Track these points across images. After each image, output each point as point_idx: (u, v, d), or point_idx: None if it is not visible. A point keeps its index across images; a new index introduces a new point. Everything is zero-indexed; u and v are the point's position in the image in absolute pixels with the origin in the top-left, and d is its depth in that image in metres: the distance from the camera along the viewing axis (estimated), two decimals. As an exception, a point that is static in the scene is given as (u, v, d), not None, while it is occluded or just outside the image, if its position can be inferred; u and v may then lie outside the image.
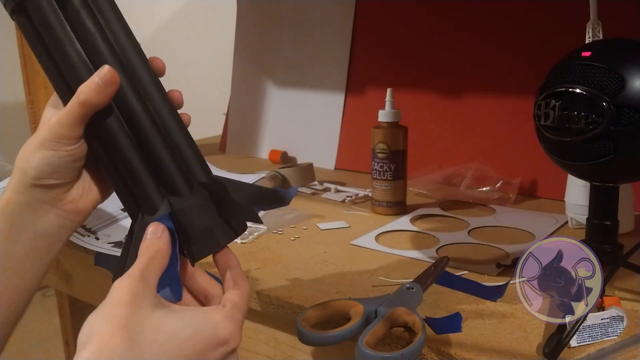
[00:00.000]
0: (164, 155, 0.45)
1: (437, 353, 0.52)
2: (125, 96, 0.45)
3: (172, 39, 2.15)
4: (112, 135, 0.44)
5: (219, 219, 0.45)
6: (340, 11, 1.23)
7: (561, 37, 0.92)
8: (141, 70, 0.47)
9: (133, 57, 0.46)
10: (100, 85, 0.43)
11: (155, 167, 0.45)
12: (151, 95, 0.46)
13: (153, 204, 0.44)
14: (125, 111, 0.45)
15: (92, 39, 0.44)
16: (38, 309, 2.18)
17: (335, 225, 0.87)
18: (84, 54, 0.44)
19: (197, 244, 0.44)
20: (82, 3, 0.45)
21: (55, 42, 0.44)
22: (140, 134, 0.45)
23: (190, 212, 0.44)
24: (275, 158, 1.30)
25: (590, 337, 0.52)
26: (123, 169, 0.45)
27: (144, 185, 0.44)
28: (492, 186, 0.99)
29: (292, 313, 0.62)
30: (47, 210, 0.47)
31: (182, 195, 0.45)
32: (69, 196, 0.48)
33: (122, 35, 0.46)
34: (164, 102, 0.47)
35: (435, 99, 1.11)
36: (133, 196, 0.46)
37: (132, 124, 0.45)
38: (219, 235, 0.45)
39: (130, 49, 0.47)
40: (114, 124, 0.44)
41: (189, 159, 0.47)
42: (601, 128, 0.51)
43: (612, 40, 0.59)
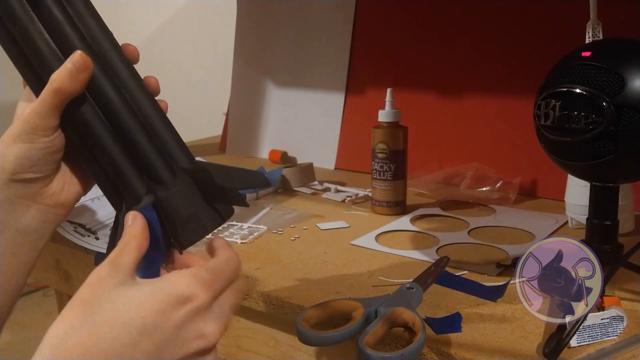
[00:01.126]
0: (144, 142, 0.44)
1: (437, 353, 0.52)
2: (99, 84, 0.43)
3: (172, 39, 2.14)
4: (89, 125, 0.43)
5: (204, 205, 0.44)
6: (341, 11, 1.23)
7: (561, 37, 0.92)
8: (114, 58, 0.45)
9: (105, 45, 0.45)
10: (74, 71, 0.41)
11: (136, 155, 0.44)
12: (126, 82, 0.45)
13: (136, 194, 0.43)
14: (101, 99, 0.43)
15: (61, 29, 0.43)
16: (38, 309, 2.18)
17: (335, 225, 0.87)
18: (54, 45, 0.43)
19: (184, 232, 0.43)
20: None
21: (23, 35, 0.43)
22: (117, 123, 0.44)
23: (175, 200, 0.43)
24: (275, 158, 1.30)
25: (590, 337, 0.52)
26: (102, 160, 0.44)
27: (125, 175, 0.43)
28: (492, 186, 0.99)
29: (292, 313, 0.62)
30: (28, 206, 0.46)
31: (166, 183, 0.43)
32: (49, 190, 0.46)
33: (93, 25, 0.45)
34: (140, 89, 0.46)
35: (435, 99, 1.11)
36: (115, 187, 0.45)
37: (109, 112, 0.44)
38: (206, 221, 0.44)
39: (102, 37, 0.45)
40: (90, 113, 0.43)
41: (170, 146, 0.45)
42: (601, 128, 0.51)
43: (612, 40, 0.59)
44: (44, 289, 2.29)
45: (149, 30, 2.16)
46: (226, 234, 0.83)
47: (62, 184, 0.47)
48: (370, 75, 1.20)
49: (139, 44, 0.49)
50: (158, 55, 2.22)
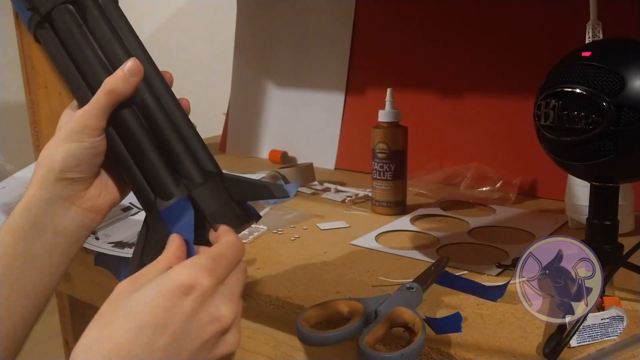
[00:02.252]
0: (178, 145, 0.48)
1: (437, 353, 0.52)
2: (141, 93, 0.48)
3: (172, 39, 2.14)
4: (130, 126, 0.47)
5: (231, 203, 0.48)
6: (340, 11, 1.23)
7: (561, 37, 0.92)
8: (153, 75, 0.50)
9: (146, 64, 0.49)
10: (127, 75, 0.46)
11: (170, 155, 0.48)
12: (164, 96, 0.50)
13: (169, 190, 0.47)
14: (141, 105, 0.48)
15: (111, 46, 0.48)
16: (38, 309, 2.18)
17: (335, 225, 0.87)
18: (105, 59, 0.48)
19: (211, 223, 0.46)
20: (101, 14, 0.49)
21: (78, 50, 0.48)
22: (155, 126, 0.48)
23: (204, 195, 0.47)
24: (275, 158, 1.30)
25: (590, 337, 0.52)
26: (140, 158, 0.47)
27: (159, 172, 0.47)
28: (492, 186, 0.99)
29: (292, 313, 0.62)
30: (67, 208, 0.48)
31: (195, 182, 0.47)
32: (88, 194, 0.49)
33: (135, 45, 0.50)
34: (175, 103, 0.50)
35: (435, 99, 1.11)
36: (149, 184, 0.48)
37: (149, 117, 0.48)
38: (233, 217, 0.47)
39: (140, 53, 0.50)
40: (132, 116, 0.47)
41: (200, 153, 0.49)
42: (601, 128, 0.51)
43: (612, 40, 0.59)
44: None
45: (149, 30, 2.16)
46: (226, 234, 0.83)
47: (100, 189, 0.50)
48: (370, 75, 1.20)
49: None
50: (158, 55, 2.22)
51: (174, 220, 0.45)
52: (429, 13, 1.12)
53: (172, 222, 0.45)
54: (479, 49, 1.06)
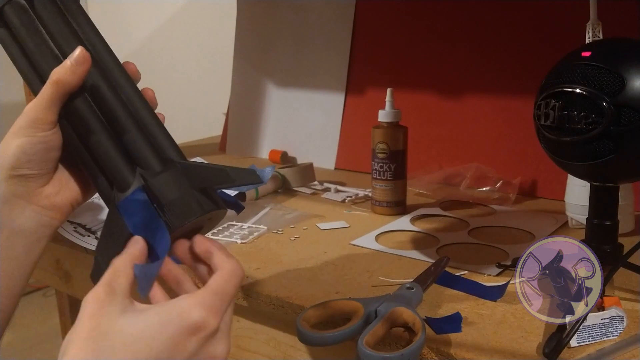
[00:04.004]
0: (134, 132, 0.46)
1: (437, 353, 0.52)
2: (95, 82, 0.46)
3: (172, 39, 2.15)
4: (83, 116, 0.45)
5: (193, 191, 0.45)
6: (340, 11, 1.23)
7: (561, 37, 0.92)
8: (112, 65, 0.49)
9: (99, 47, 0.49)
10: (72, 64, 0.43)
11: (127, 145, 0.46)
12: (122, 86, 0.48)
13: (126, 180, 0.45)
14: (95, 94, 0.46)
15: (65, 38, 0.47)
16: (38, 309, 2.18)
17: (335, 225, 0.87)
18: (57, 52, 0.47)
19: (170, 213, 0.43)
20: (55, 8, 0.48)
21: (31, 45, 0.47)
22: (110, 115, 0.46)
23: (163, 183, 0.44)
24: (275, 158, 1.30)
25: (590, 337, 0.52)
26: (95, 149, 0.46)
27: (115, 161, 0.45)
28: (492, 186, 0.99)
29: (292, 313, 0.62)
30: (23, 207, 0.46)
31: (154, 169, 0.45)
32: (45, 191, 0.47)
33: (90, 31, 0.49)
34: (136, 93, 0.48)
35: (435, 99, 1.11)
36: (106, 177, 0.46)
37: (103, 106, 0.46)
38: (194, 204, 0.44)
39: (97, 41, 0.49)
40: (85, 106, 0.46)
41: (162, 141, 0.47)
42: (601, 128, 0.51)
43: (612, 40, 0.59)
44: (44, 289, 2.29)
45: (150, 30, 2.16)
46: (226, 233, 0.83)
47: (59, 187, 0.48)
48: (370, 76, 1.20)
49: (140, 44, 0.51)
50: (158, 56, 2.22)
51: (130, 214, 0.43)
52: (429, 13, 1.12)
53: (128, 215, 0.43)
54: (479, 49, 1.06)
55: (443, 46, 1.10)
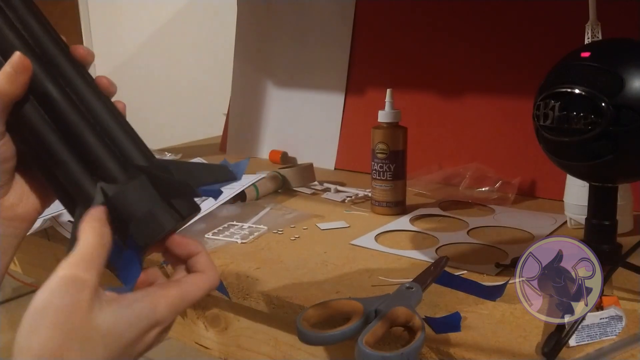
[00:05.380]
0: (91, 140, 0.42)
1: (437, 352, 0.53)
2: (42, 86, 0.42)
3: (172, 40, 2.15)
4: (33, 127, 0.42)
5: (161, 202, 0.42)
6: (340, 12, 1.24)
7: (561, 37, 0.92)
8: (60, 59, 0.44)
9: (49, 47, 0.44)
10: (12, 73, 0.40)
11: (83, 154, 0.42)
12: (73, 83, 0.44)
13: (86, 194, 0.42)
14: (44, 101, 0.42)
15: (4, 36, 0.43)
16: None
17: (335, 225, 0.87)
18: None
19: (138, 231, 0.41)
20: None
21: None
22: (62, 123, 0.43)
23: (126, 197, 0.41)
24: (276, 158, 1.30)
25: (589, 337, 0.52)
26: (50, 163, 0.43)
27: (73, 175, 0.42)
28: (491, 186, 0.99)
29: (292, 313, 0.62)
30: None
31: (117, 181, 0.42)
32: (5, 202, 0.45)
33: (36, 27, 0.44)
34: (90, 89, 0.44)
35: (435, 99, 1.12)
36: (65, 191, 0.43)
37: (53, 113, 0.43)
38: (163, 218, 0.42)
39: (46, 39, 0.44)
40: (34, 115, 0.42)
41: (123, 144, 0.44)
42: (600, 128, 0.51)
43: (611, 40, 0.59)
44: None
45: (150, 30, 2.16)
46: (226, 233, 0.83)
47: (20, 196, 0.46)
48: (370, 76, 1.21)
49: (140, 45, 0.49)
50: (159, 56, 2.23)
51: None
52: (429, 13, 1.12)
53: None
54: (479, 49, 1.06)
55: (443, 46, 1.11)
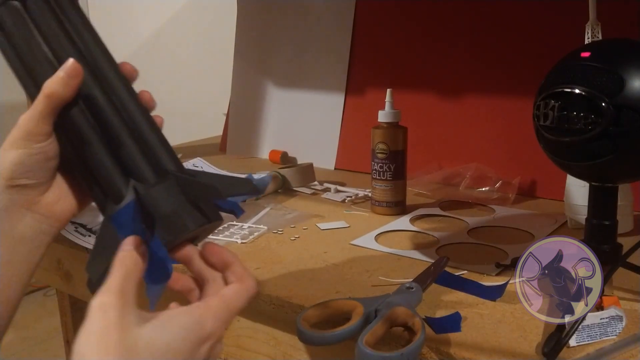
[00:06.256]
0: (129, 143, 0.45)
1: (437, 352, 0.53)
2: (90, 91, 0.45)
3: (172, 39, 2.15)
4: (78, 127, 0.45)
5: (186, 204, 0.44)
6: (340, 12, 1.24)
7: (561, 37, 0.92)
8: (108, 70, 0.48)
9: (100, 59, 0.48)
10: (65, 77, 0.43)
11: (120, 155, 0.45)
12: (118, 92, 0.47)
13: (119, 192, 0.45)
14: (90, 105, 0.45)
15: (58, 41, 0.46)
16: (39, 309, 2.18)
17: (335, 225, 0.87)
18: (51, 55, 0.46)
19: (162, 229, 0.43)
20: (50, 10, 0.47)
21: (22, 45, 0.46)
22: (104, 125, 0.45)
23: (155, 197, 0.44)
24: (276, 158, 1.30)
25: (589, 337, 0.52)
26: (88, 160, 0.45)
27: (109, 173, 0.45)
28: (491, 186, 0.99)
29: (292, 313, 0.62)
30: (23, 214, 0.46)
31: (148, 182, 0.45)
32: (44, 199, 0.47)
33: (89, 38, 0.48)
34: (131, 99, 0.48)
35: (435, 99, 1.12)
36: (100, 187, 0.46)
37: (98, 117, 0.46)
38: (188, 219, 0.44)
39: (96, 49, 0.48)
40: (80, 117, 0.45)
41: (157, 150, 0.47)
42: (600, 128, 0.51)
43: (611, 40, 0.59)
44: (44, 288, 2.29)
45: (150, 30, 2.16)
46: (226, 233, 0.83)
47: (58, 195, 0.48)
48: (370, 76, 1.21)
49: (140, 44, 0.50)
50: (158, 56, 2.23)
51: (121, 226, 0.43)
52: (428, 13, 1.12)
53: (120, 228, 0.43)
54: (479, 49, 1.06)
55: (443, 47, 1.11)
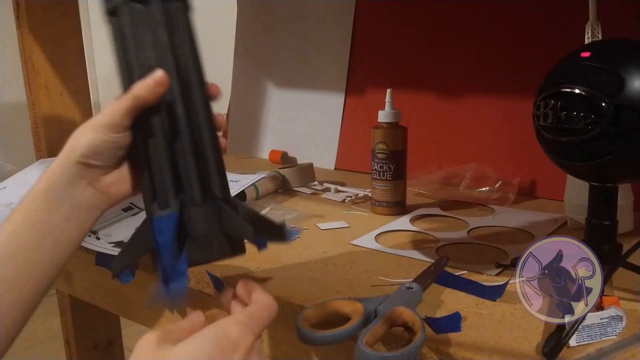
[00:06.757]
0: (191, 160, 0.50)
1: (437, 352, 0.53)
2: (172, 102, 0.50)
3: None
4: (152, 130, 0.50)
5: (218, 233, 0.48)
6: (341, 11, 1.24)
7: (561, 37, 0.92)
8: (195, 87, 0.52)
9: (192, 75, 0.52)
10: (152, 85, 0.49)
11: (180, 169, 0.50)
12: (197, 109, 0.51)
13: (167, 200, 0.49)
14: (170, 114, 0.50)
15: (161, 50, 0.51)
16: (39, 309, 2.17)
17: (335, 225, 0.87)
18: (152, 60, 0.50)
19: (191, 248, 0.47)
20: (163, 18, 0.51)
21: (130, 48, 0.51)
22: (175, 136, 0.50)
23: (195, 216, 0.48)
24: (276, 158, 1.30)
25: (589, 337, 0.52)
26: (152, 162, 0.50)
27: (164, 180, 0.49)
28: (491, 186, 0.99)
29: (292, 313, 0.62)
30: (84, 188, 0.52)
31: (194, 201, 0.49)
32: (105, 179, 0.53)
33: (190, 57, 0.52)
34: (207, 118, 0.52)
35: (435, 99, 1.12)
36: (153, 189, 0.50)
37: (172, 126, 0.50)
38: (216, 246, 0.48)
39: (192, 68, 0.52)
40: (156, 122, 0.50)
41: (212, 174, 0.51)
42: (600, 128, 0.51)
43: (611, 40, 0.59)
44: (44, 288, 2.29)
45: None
46: (226, 234, 0.83)
47: (118, 178, 0.54)
48: (370, 76, 1.21)
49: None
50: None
51: (159, 231, 0.47)
52: (428, 13, 1.12)
53: (158, 232, 0.48)
54: (479, 49, 1.06)
55: (443, 47, 1.11)
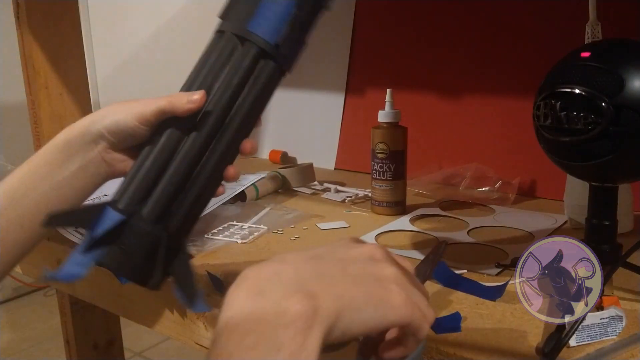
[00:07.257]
0: (170, 188, 0.52)
1: (437, 352, 0.53)
2: (199, 125, 0.53)
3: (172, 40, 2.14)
4: (167, 139, 0.53)
5: (140, 256, 0.51)
6: (341, 11, 1.23)
7: (561, 37, 0.92)
8: (229, 137, 0.54)
9: (238, 119, 0.55)
10: (187, 100, 0.53)
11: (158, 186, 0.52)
12: (219, 148, 0.54)
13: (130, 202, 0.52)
14: (190, 133, 0.53)
15: (230, 82, 0.54)
16: (39, 309, 2.18)
17: (335, 225, 0.87)
18: (218, 84, 0.54)
19: (110, 251, 0.50)
20: (247, 70, 0.55)
21: (213, 62, 0.55)
22: (174, 161, 0.53)
23: (132, 229, 0.50)
24: (276, 158, 1.30)
25: (589, 337, 0.52)
26: (143, 166, 0.53)
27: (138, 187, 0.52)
28: (491, 186, 0.99)
29: (292, 313, 0.62)
30: (95, 154, 0.57)
31: (143, 217, 0.51)
32: (114, 155, 0.57)
33: (247, 109, 0.55)
34: (215, 169, 0.54)
35: (435, 99, 1.12)
36: (128, 185, 0.53)
37: (184, 146, 0.53)
38: (128, 265, 0.50)
39: (244, 113, 0.55)
40: (174, 134, 0.53)
41: (178, 211, 0.52)
42: (600, 128, 0.51)
43: (611, 40, 0.59)
44: (44, 288, 2.29)
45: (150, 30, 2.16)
46: (227, 233, 0.83)
47: (125, 158, 0.58)
48: (370, 76, 1.21)
49: (140, 44, 0.52)
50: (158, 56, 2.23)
51: (102, 221, 0.50)
52: (428, 14, 1.12)
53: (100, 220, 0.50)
54: (479, 50, 1.06)
55: (443, 47, 1.11)
